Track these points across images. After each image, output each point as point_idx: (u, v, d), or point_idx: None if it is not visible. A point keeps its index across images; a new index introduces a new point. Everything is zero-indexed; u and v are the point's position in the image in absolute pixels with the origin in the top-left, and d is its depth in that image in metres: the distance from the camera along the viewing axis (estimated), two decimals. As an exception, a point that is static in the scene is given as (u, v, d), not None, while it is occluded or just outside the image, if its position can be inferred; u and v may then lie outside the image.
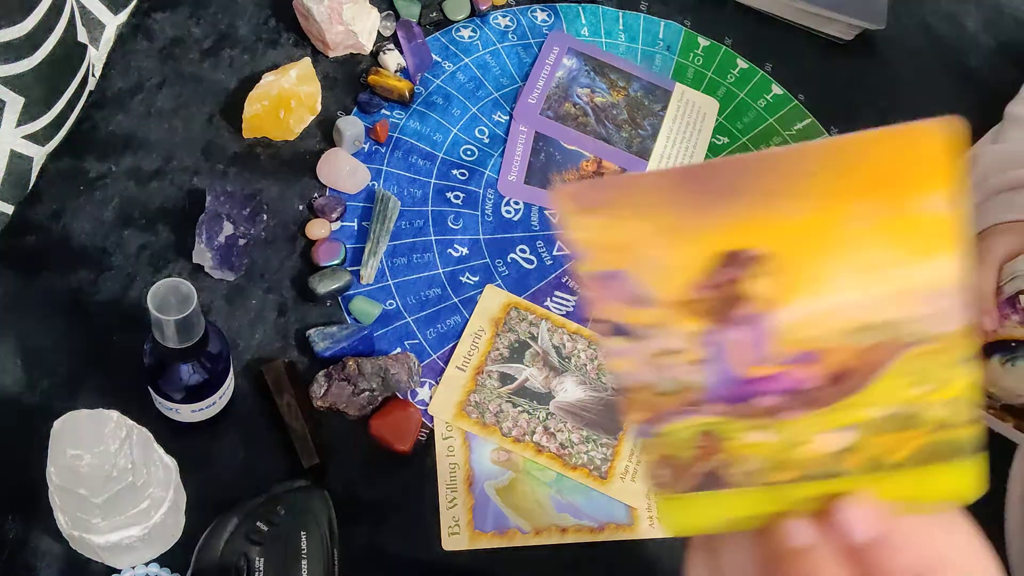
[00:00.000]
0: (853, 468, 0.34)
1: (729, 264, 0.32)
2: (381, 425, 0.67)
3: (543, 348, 0.74)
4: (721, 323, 0.32)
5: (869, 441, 0.34)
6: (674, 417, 0.34)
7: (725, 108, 0.91)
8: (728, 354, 0.33)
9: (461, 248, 0.77)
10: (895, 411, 0.33)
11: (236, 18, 0.84)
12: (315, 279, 0.71)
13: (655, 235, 0.31)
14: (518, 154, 0.83)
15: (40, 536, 0.60)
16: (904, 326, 0.32)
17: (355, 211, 0.77)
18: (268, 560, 0.58)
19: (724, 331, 0.33)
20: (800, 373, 0.33)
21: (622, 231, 0.32)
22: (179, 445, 0.64)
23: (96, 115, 0.76)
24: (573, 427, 0.71)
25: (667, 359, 0.33)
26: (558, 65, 0.88)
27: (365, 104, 0.82)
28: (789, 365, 0.33)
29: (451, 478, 0.67)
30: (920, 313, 0.32)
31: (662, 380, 0.34)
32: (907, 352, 0.32)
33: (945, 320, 0.32)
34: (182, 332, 0.54)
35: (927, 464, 0.34)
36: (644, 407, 0.34)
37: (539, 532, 0.67)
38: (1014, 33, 1.04)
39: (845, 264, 0.31)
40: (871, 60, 0.98)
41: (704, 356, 0.33)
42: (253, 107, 0.76)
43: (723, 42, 0.95)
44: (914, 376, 0.33)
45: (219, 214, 0.71)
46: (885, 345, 0.32)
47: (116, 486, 0.50)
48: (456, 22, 0.89)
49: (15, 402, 0.64)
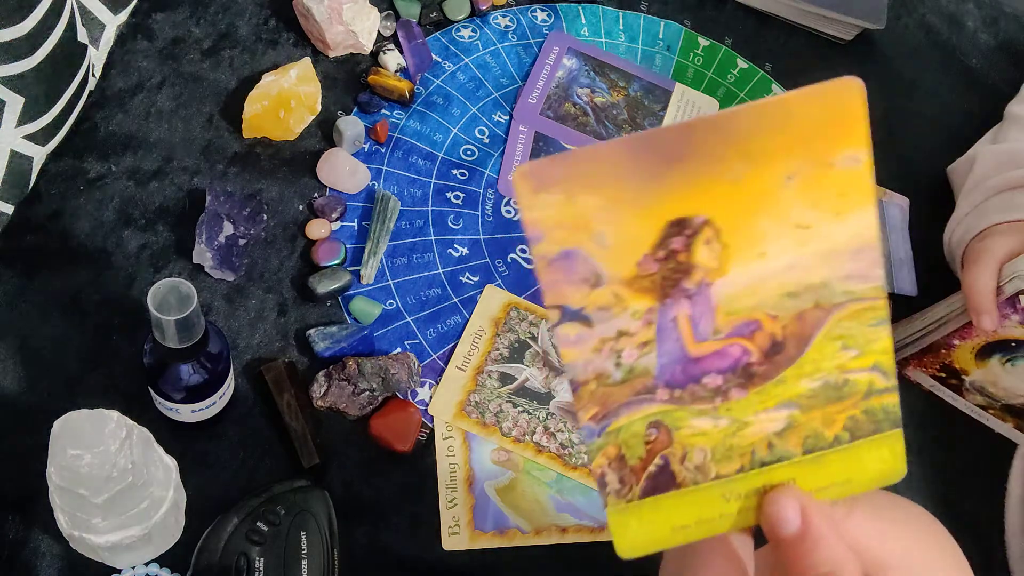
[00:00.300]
0: (793, 449, 0.35)
1: (676, 233, 0.32)
2: (381, 425, 0.67)
3: (543, 348, 0.74)
4: (670, 298, 0.33)
5: (805, 417, 0.35)
6: (624, 410, 0.34)
7: (725, 108, 0.91)
8: (676, 332, 0.34)
9: (461, 248, 0.77)
10: (826, 380, 0.34)
11: (236, 18, 0.84)
12: (315, 279, 0.71)
13: (607, 209, 0.32)
14: (518, 154, 0.83)
15: (40, 536, 0.60)
16: (835, 285, 0.33)
17: (355, 211, 0.77)
18: (268, 560, 0.58)
19: (672, 307, 0.33)
20: (741, 347, 0.34)
21: (575, 207, 0.32)
22: (179, 445, 0.64)
23: (96, 115, 0.76)
24: (573, 427, 0.71)
25: (618, 343, 0.34)
26: (558, 65, 0.88)
27: (365, 104, 0.82)
28: (732, 339, 0.34)
29: (451, 478, 0.67)
30: (847, 270, 0.33)
31: (613, 367, 0.34)
32: (836, 314, 0.34)
33: (868, 276, 0.33)
34: (182, 332, 0.54)
35: (856, 440, 0.35)
36: (595, 400, 0.34)
37: (539, 532, 0.67)
38: (1014, 33, 1.04)
39: (777, 226, 0.32)
40: (871, 60, 0.98)
41: (653, 337, 0.34)
42: (253, 107, 0.76)
43: (723, 42, 0.95)
44: (842, 340, 0.34)
45: (219, 214, 0.71)
46: (818, 307, 0.33)
47: (116, 486, 0.50)
48: (456, 22, 0.89)
49: (15, 402, 0.64)
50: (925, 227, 0.87)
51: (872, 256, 0.33)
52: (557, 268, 0.32)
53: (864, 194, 0.32)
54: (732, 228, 0.32)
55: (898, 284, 0.84)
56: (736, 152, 0.31)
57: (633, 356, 0.34)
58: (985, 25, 1.04)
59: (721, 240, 0.32)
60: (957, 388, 0.75)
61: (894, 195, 0.89)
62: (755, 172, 0.31)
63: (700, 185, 0.31)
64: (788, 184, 0.32)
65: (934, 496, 0.75)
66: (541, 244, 0.32)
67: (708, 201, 0.32)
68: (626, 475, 0.35)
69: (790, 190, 0.32)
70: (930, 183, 0.90)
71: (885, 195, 0.89)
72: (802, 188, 0.32)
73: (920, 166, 0.92)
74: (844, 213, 0.32)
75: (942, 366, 0.75)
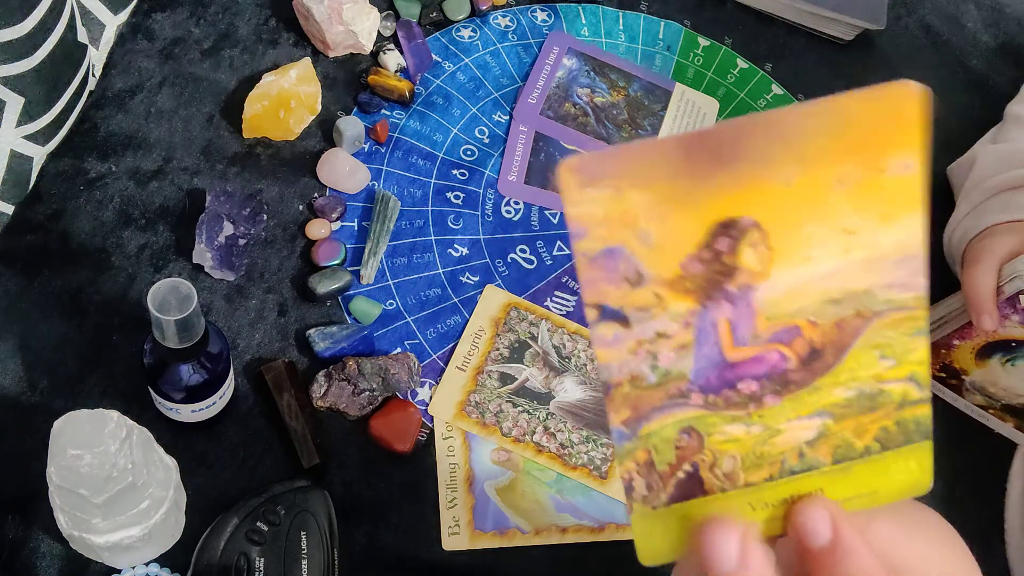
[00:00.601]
0: (823, 459, 0.35)
1: (723, 234, 0.31)
2: (381, 425, 0.67)
3: (543, 348, 0.74)
4: (711, 301, 0.33)
5: (837, 427, 0.34)
6: (656, 414, 0.34)
7: (725, 108, 0.91)
8: (715, 336, 0.33)
9: (461, 248, 0.77)
10: (862, 390, 0.34)
11: (236, 18, 0.84)
12: (315, 279, 0.71)
13: (655, 206, 0.31)
14: (518, 154, 0.83)
15: (40, 536, 0.60)
16: (877, 293, 0.33)
17: (355, 211, 0.77)
18: (268, 560, 0.58)
19: (713, 310, 0.33)
20: (779, 353, 0.33)
21: (623, 203, 0.31)
22: (179, 445, 0.64)
23: (96, 115, 0.76)
24: (573, 427, 0.71)
25: (655, 345, 0.33)
26: (558, 65, 0.88)
27: (365, 104, 0.82)
28: (771, 344, 0.33)
29: (451, 478, 0.67)
30: (890, 278, 0.32)
31: (649, 370, 0.33)
32: (876, 322, 0.33)
33: (911, 285, 0.32)
34: (182, 332, 0.54)
35: (885, 451, 0.35)
36: (627, 403, 0.34)
37: (539, 532, 0.67)
38: (1014, 33, 1.04)
39: (824, 231, 0.32)
40: (871, 60, 0.98)
41: (692, 340, 0.33)
42: (253, 107, 0.76)
43: (723, 42, 0.95)
44: (880, 349, 0.33)
45: (219, 214, 0.71)
46: (859, 315, 0.33)
47: (116, 486, 0.50)
48: (456, 22, 0.89)
49: (15, 402, 0.64)
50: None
51: (916, 265, 0.32)
52: (598, 265, 0.32)
53: (913, 201, 0.31)
54: (779, 231, 0.32)
55: (898, 284, 0.83)
56: (789, 154, 0.30)
57: (670, 359, 0.33)
58: (985, 26, 1.04)
59: (767, 243, 0.32)
60: (957, 388, 0.75)
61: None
62: (806, 175, 0.31)
63: (750, 186, 0.31)
64: (838, 188, 0.31)
65: (934, 496, 0.75)
66: (584, 240, 0.31)
67: (757, 203, 0.31)
68: (654, 481, 0.35)
69: (839, 194, 0.31)
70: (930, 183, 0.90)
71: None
72: (852, 193, 0.31)
73: (920, 166, 0.91)
74: (891, 220, 0.32)
75: (942, 366, 0.75)
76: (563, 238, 0.80)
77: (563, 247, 0.79)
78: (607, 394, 0.34)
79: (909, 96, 0.30)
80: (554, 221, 0.80)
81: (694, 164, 0.30)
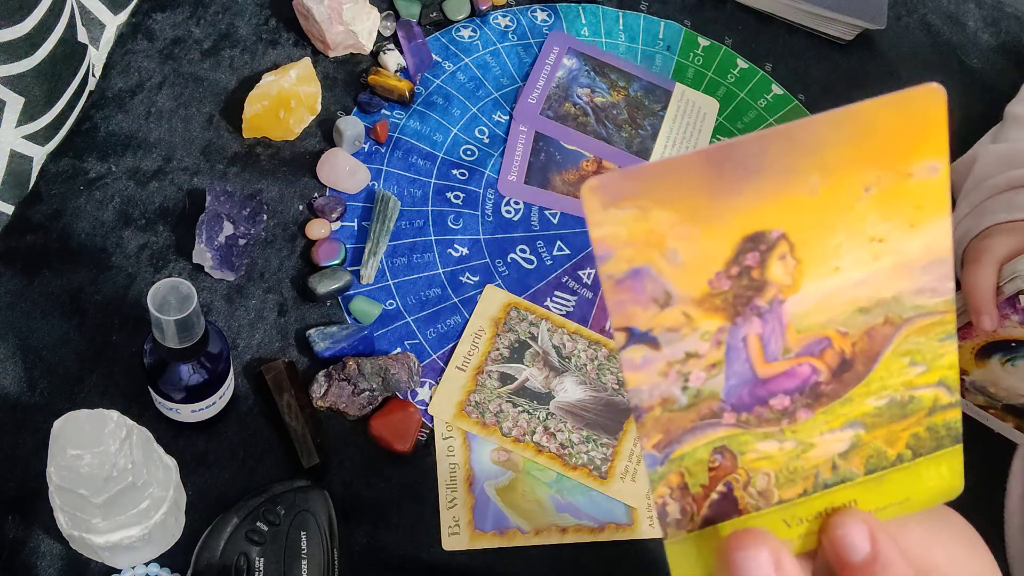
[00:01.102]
0: (856, 470, 0.34)
1: (751, 248, 0.31)
2: (381, 425, 0.67)
3: (543, 348, 0.74)
4: (741, 317, 0.32)
5: (870, 436, 0.34)
6: (688, 436, 0.34)
7: (725, 108, 0.91)
8: (746, 352, 0.33)
9: (461, 248, 0.77)
10: (892, 397, 0.34)
11: (236, 18, 0.84)
12: (315, 279, 0.71)
13: (681, 224, 0.30)
14: (518, 154, 0.83)
15: (40, 536, 0.60)
16: (905, 299, 0.32)
17: (355, 211, 0.77)
18: (268, 560, 0.58)
19: (743, 326, 0.32)
20: (810, 366, 0.33)
21: (648, 222, 0.30)
22: (179, 445, 0.64)
23: (96, 115, 0.76)
24: (573, 427, 0.71)
25: (686, 366, 0.33)
26: (558, 65, 0.88)
27: (365, 104, 0.82)
28: (802, 357, 0.33)
29: (451, 478, 0.67)
30: (918, 284, 0.32)
31: (680, 392, 0.33)
32: (905, 329, 0.33)
33: (939, 289, 0.32)
34: (182, 332, 0.54)
35: (917, 458, 0.34)
36: (659, 427, 0.33)
37: (539, 532, 0.67)
38: (1014, 33, 1.04)
39: (852, 240, 0.31)
40: (871, 60, 0.98)
41: (723, 358, 0.33)
42: (253, 107, 0.76)
43: (723, 42, 0.95)
44: (910, 356, 0.33)
45: (219, 214, 0.71)
46: (888, 323, 0.33)
47: (116, 486, 0.50)
48: (456, 22, 0.89)
49: (15, 402, 0.64)
50: (925, 227, 0.87)
51: (944, 269, 0.32)
52: (625, 288, 0.31)
53: (940, 204, 0.31)
54: (807, 242, 0.31)
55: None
56: (813, 164, 0.30)
57: (700, 379, 0.33)
58: (986, 25, 1.04)
59: (796, 255, 0.31)
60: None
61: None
62: (832, 184, 0.30)
63: (776, 198, 0.30)
64: (865, 196, 0.31)
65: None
66: (609, 263, 0.31)
67: (783, 214, 0.31)
68: (687, 504, 0.34)
69: (867, 202, 0.31)
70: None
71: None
72: (879, 200, 0.31)
73: (920, 166, 0.92)
74: (918, 225, 0.31)
75: (942, 366, 0.75)
76: (563, 238, 0.80)
77: (563, 247, 0.79)
78: (638, 420, 0.33)
79: (934, 98, 0.30)
80: (554, 221, 0.80)
81: (718, 178, 0.30)
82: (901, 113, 0.30)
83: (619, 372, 0.32)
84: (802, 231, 0.31)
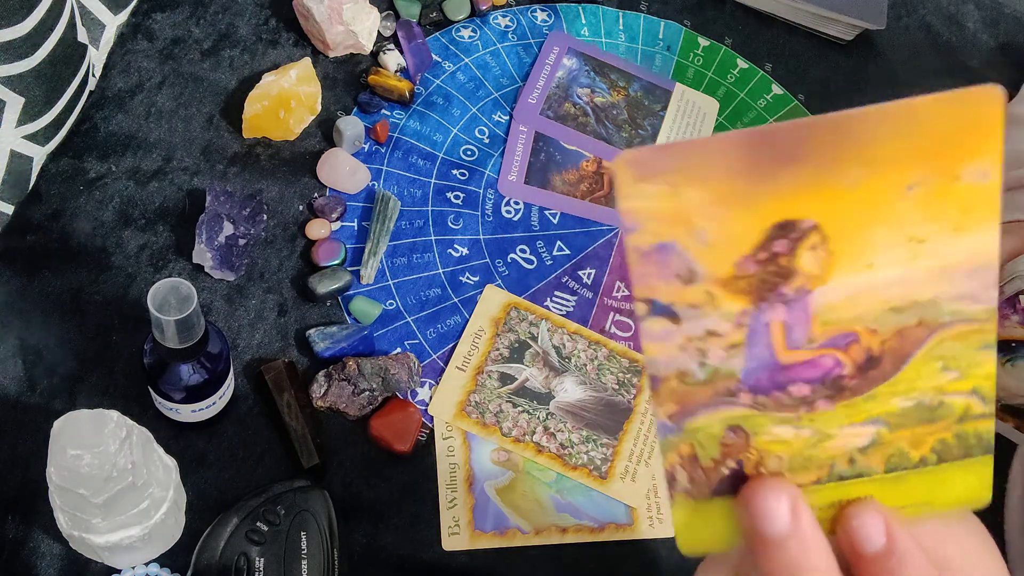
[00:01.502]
0: (875, 467, 0.34)
1: (781, 235, 0.31)
2: (381, 425, 0.67)
3: (543, 348, 0.74)
4: (765, 302, 0.32)
5: (892, 436, 0.33)
6: (703, 410, 0.33)
7: (725, 108, 0.91)
8: (768, 337, 0.32)
9: (461, 248, 0.77)
10: (921, 400, 0.33)
11: (236, 18, 0.84)
12: (315, 279, 0.71)
13: (711, 204, 0.30)
14: (518, 154, 0.83)
15: (40, 536, 0.60)
16: (943, 304, 0.32)
17: (355, 211, 0.77)
18: (268, 560, 0.58)
19: (767, 311, 0.32)
20: (834, 358, 0.33)
21: (679, 200, 0.30)
22: (179, 445, 0.64)
23: (96, 115, 0.76)
24: (573, 427, 0.71)
25: (705, 343, 0.32)
26: (558, 65, 0.88)
27: (365, 104, 0.82)
28: (826, 349, 0.32)
29: (451, 478, 0.67)
30: (959, 290, 0.31)
31: (697, 367, 0.33)
32: (941, 333, 0.32)
33: (981, 297, 0.31)
34: (182, 332, 0.54)
35: (942, 463, 0.34)
36: (674, 398, 0.33)
37: (539, 532, 0.67)
38: (1014, 33, 1.04)
39: (890, 237, 0.31)
40: (871, 60, 0.98)
41: (743, 340, 0.32)
42: (253, 107, 0.76)
43: (723, 42, 0.95)
44: (944, 361, 0.32)
45: (219, 214, 0.71)
46: (922, 325, 0.32)
47: (116, 486, 0.50)
48: (456, 22, 0.89)
49: (15, 402, 0.64)
50: (925, 227, 0.87)
51: (989, 277, 0.31)
52: (650, 261, 0.31)
53: (990, 211, 0.30)
54: (841, 235, 0.31)
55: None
56: (855, 156, 0.29)
57: (719, 357, 0.32)
58: (985, 26, 1.04)
59: (827, 247, 0.31)
60: (957, 388, 0.75)
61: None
62: (873, 179, 0.30)
63: (812, 188, 0.30)
64: (908, 194, 0.30)
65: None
66: (636, 235, 0.31)
67: (819, 205, 0.30)
68: (697, 475, 0.34)
69: (909, 201, 0.30)
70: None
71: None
72: (922, 200, 0.30)
73: (920, 166, 0.92)
74: (964, 230, 0.30)
75: (942, 366, 0.75)
76: (563, 238, 0.80)
77: (563, 247, 0.79)
78: (654, 388, 0.33)
79: (991, 100, 0.29)
80: (554, 221, 0.80)
81: (755, 163, 0.30)
82: (955, 112, 0.29)
83: (641, 342, 0.31)
84: (837, 223, 0.31)
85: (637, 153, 0.30)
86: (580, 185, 0.82)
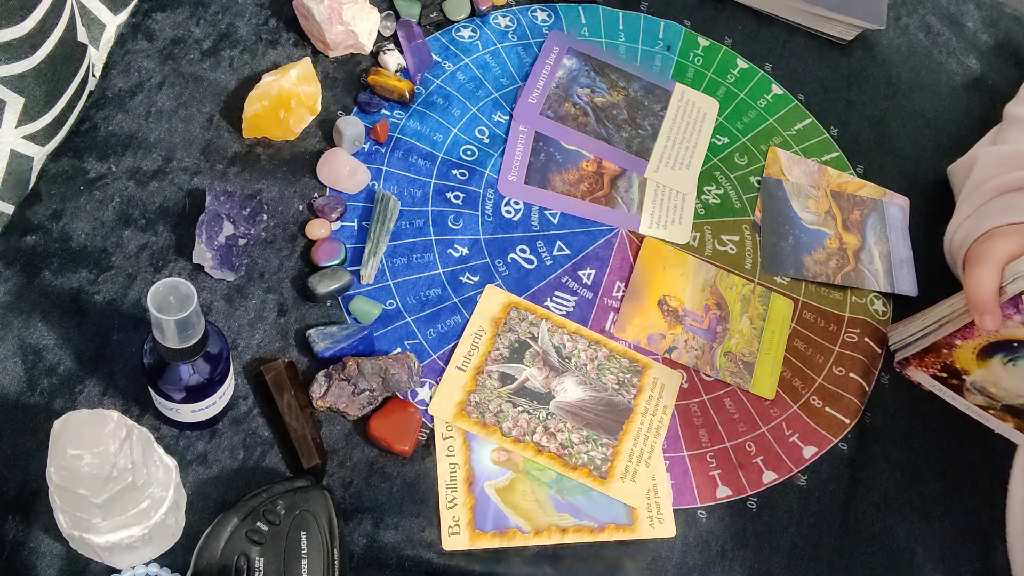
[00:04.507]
0: None
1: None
2: (381, 425, 0.67)
3: (543, 348, 0.73)
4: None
5: None
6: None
7: (725, 108, 0.91)
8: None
9: (461, 248, 0.77)
10: None
11: (236, 18, 0.84)
12: (315, 279, 0.71)
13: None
14: (518, 154, 0.83)
15: (40, 536, 0.60)
16: None
17: (355, 211, 0.77)
18: (268, 560, 0.58)
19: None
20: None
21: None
22: (179, 445, 0.64)
23: (96, 115, 0.76)
24: (573, 427, 0.71)
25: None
26: (558, 65, 0.88)
27: (365, 104, 0.82)
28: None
29: (451, 478, 0.67)
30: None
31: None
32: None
33: None
34: (182, 332, 0.54)
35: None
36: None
37: (539, 532, 0.67)
38: (1014, 33, 1.04)
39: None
40: (871, 60, 0.98)
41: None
42: (253, 107, 0.76)
43: (723, 42, 0.95)
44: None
45: (219, 214, 0.71)
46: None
47: (116, 486, 0.50)
48: (456, 22, 0.89)
49: (15, 402, 0.64)
50: (925, 227, 0.87)
51: None
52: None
53: None
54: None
55: (898, 284, 0.84)
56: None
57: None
58: (985, 25, 1.04)
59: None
60: (958, 388, 0.75)
61: (894, 195, 0.89)
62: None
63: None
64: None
65: (935, 496, 0.75)
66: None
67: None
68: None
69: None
70: (930, 183, 0.90)
71: (885, 195, 0.89)
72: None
73: (920, 166, 0.92)
74: None
75: (943, 366, 0.75)
76: (563, 238, 0.80)
77: (563, 247, 0.79)
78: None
79: None
80: (554, 221, 0.80)
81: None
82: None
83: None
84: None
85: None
86: (580, 185, 0.82)
